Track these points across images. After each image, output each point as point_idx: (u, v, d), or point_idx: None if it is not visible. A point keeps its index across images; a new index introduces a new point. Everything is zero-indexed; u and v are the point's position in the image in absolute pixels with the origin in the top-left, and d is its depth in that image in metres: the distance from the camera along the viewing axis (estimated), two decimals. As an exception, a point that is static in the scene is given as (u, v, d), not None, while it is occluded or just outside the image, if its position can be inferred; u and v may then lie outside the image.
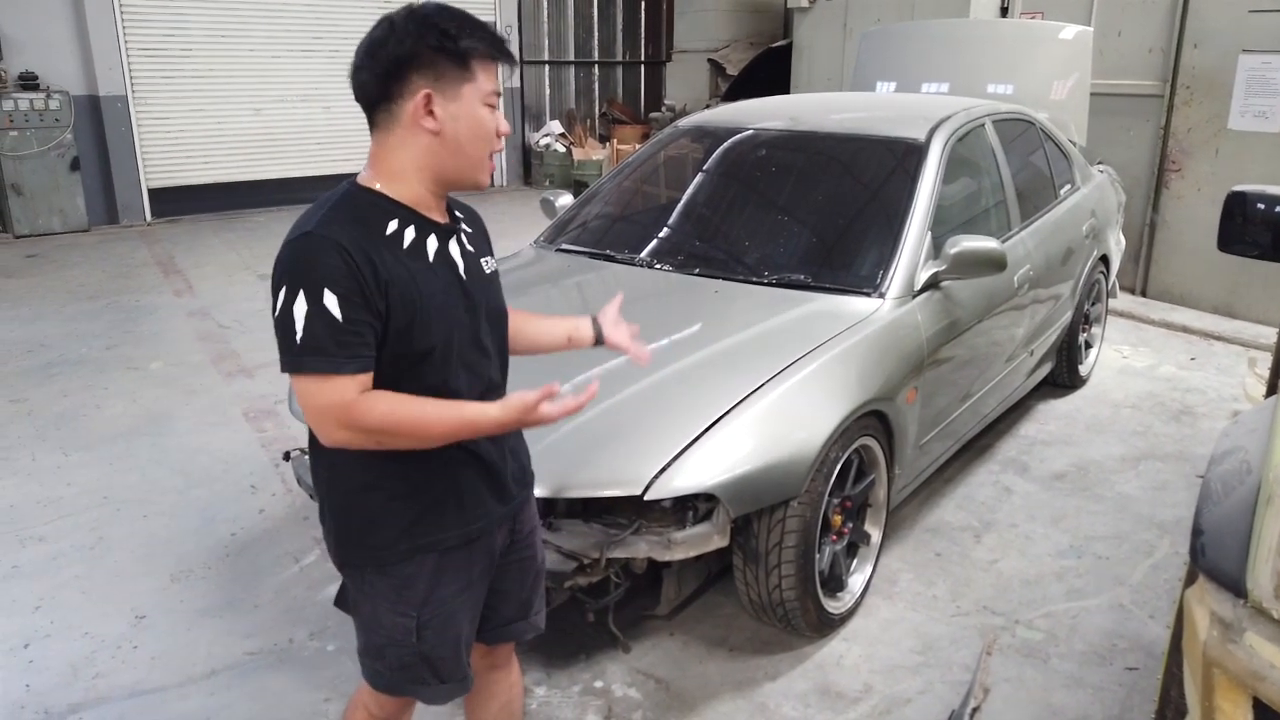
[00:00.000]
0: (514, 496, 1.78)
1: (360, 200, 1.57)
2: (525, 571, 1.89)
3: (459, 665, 1.77)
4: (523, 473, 1.83)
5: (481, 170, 1.62)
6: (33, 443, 4.23)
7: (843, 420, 2.62)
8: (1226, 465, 1.82)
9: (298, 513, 3.59)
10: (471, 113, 1.56)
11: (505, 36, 1.64)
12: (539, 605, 1.96)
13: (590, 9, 12.70)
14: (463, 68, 1.54)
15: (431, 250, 1.59)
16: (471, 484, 1.68)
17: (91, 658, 2.78)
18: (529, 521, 1.88)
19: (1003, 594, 3.10)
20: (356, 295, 1.46)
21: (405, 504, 1.63)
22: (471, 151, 1.59)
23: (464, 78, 1.54)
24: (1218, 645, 1.55)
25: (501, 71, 1.61)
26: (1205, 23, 6.05)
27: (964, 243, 3.09)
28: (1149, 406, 4.70)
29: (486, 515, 1.72)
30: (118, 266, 7.55)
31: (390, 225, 1.55)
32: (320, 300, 1.44)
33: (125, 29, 8.91)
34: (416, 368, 1.56)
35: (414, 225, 1.58)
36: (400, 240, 1.55)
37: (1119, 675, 2.71)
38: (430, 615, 1.68)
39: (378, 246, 1.51)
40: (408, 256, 1.54)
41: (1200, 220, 6.21)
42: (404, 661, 1.72)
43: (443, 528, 1.66)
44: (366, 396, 1.49)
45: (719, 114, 4.37)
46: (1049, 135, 4.56)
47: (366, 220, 1.54)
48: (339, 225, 1.50)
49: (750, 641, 2.85)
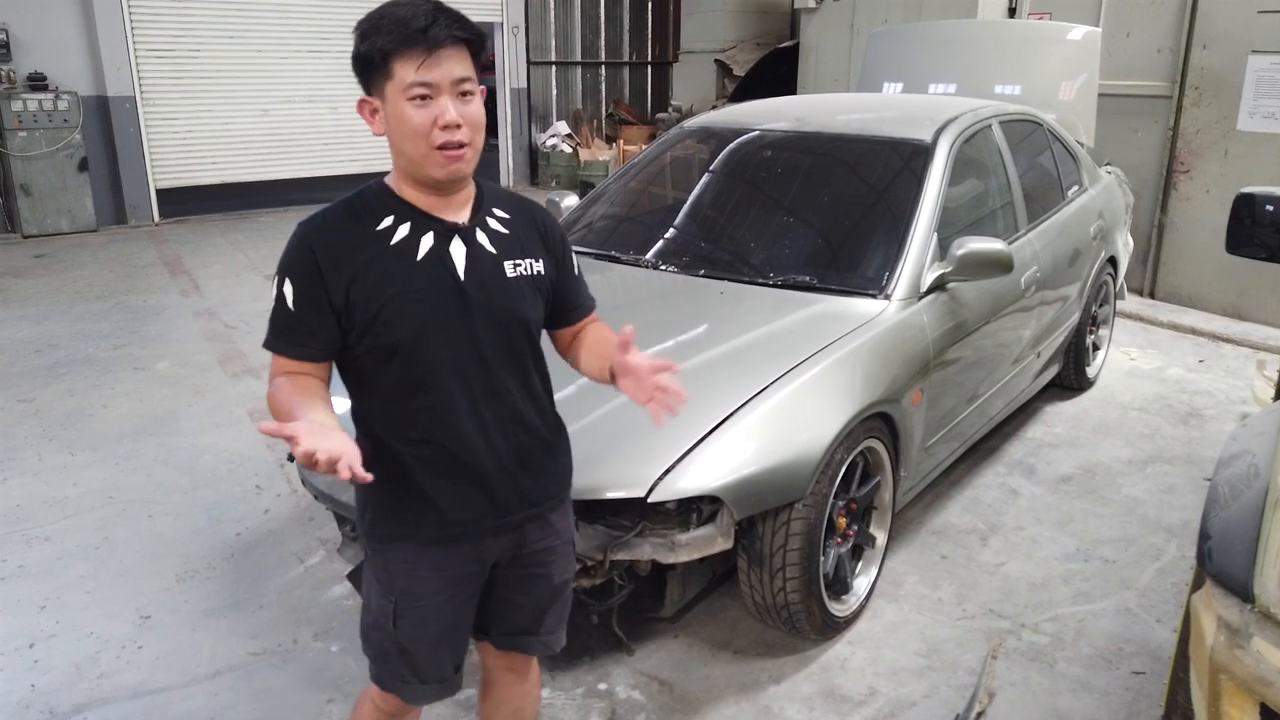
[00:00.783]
0: (512, 512, 1.73)
1: (369, 195, 1.65)
2: (535, 589, 1.84)
3: (437, 666, 1.78)
4: (537, 492, 1.77)
5: (429, 166, 1.56)
6: (39, 442, 4.24)
7: (848, 422, 2.61)
8: (1234, 469, 1.81)
9: (302, 513, 3.59)
10: (396, 111, 1.54)
11: (435, 15, 1.51)
12: (553, 624, 1.91)
13: (597, 10, 12.71)
14: (382, 68, 1.53)
15: (423, 248, 1.61)
16: (456, 489, 1.67)
17: (96, 658, 2.78)
18: (541, 541, 1.81)
19: (1009, 597, 3.08)
20: (310, 289, 1.56)
21: (390, 490, 1.68)
22: (409, 149, 1.56)
23: (385, 76, 1.54)
24: (1225, 651, 1.54)
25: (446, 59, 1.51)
26: (1214, 24, 6.02)
27: (970, 244, 3.07)
28: (1157, 409, 4.67)
29: (472, 523, 1.70)
30: (125, 267, 7.58)
31: (385, 221, 1.61)
32: (283, 286, 1.58)
33: (134, 30, 8.95)
34: (389, 361, 1.60)
35: (410, 223, 1.61)
36: (390, 235, 1.60)
37: (1125, 680, 2.69)
38: (406, 606, 1.72)
39: (360, 241, 1.58)
40: (391, 252, 1.59)
41: (1209, 222, 6.18)
42: (384, 649, 1.77)
43: (419, 524, 1.69)
44: (282, 378, 1.59)
45: (725, 115, 4.36)
46: (1056, 136, 4.54)
47: (361, 215, 1.62)
48: (326, 220, 1.61)
49: (754, 644, 2.84)
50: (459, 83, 1.54)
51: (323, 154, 10.33)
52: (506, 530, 1.74)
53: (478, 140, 1.59)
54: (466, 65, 1.56)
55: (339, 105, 10.25)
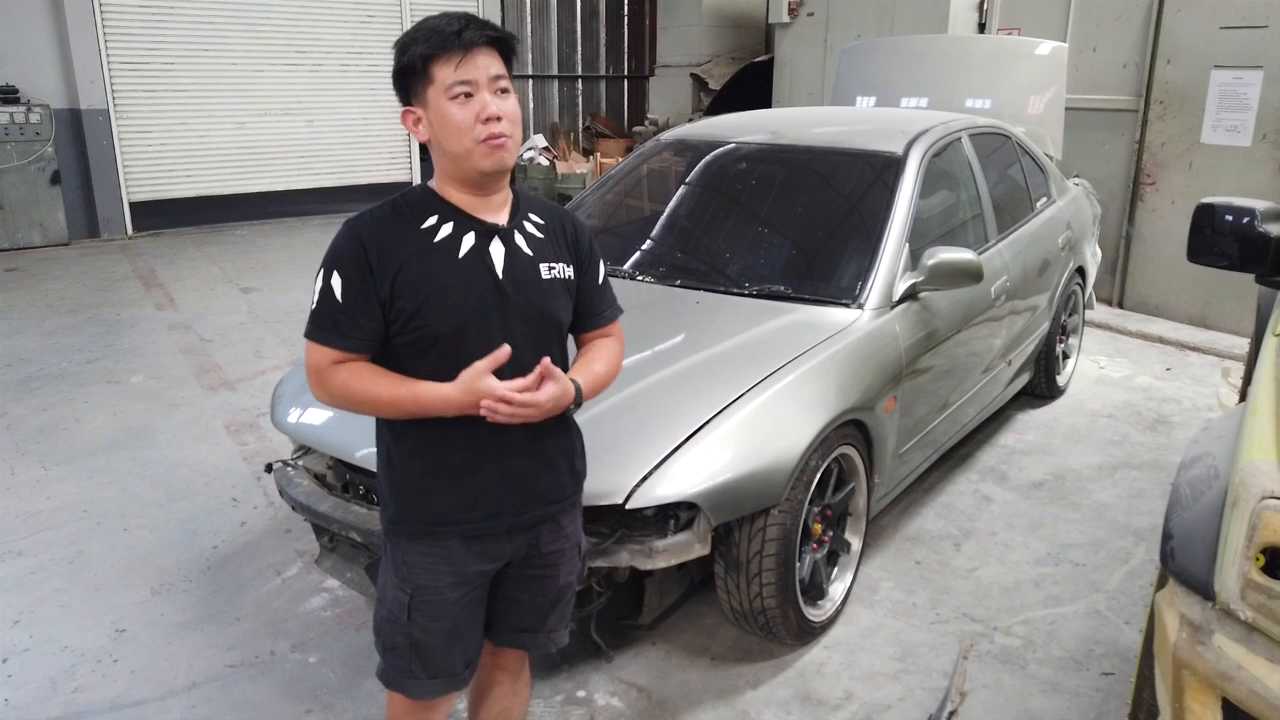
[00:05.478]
0: (530, 510, 1.80)
1: (414, 195, 1.74)
2: (542, 588, 1.90)
3: (448, 661, 1.82)
4: (555, 492, 1.83)
5: (475, 158, 1.65)
6: (12, 456, 4.20)
7: (822, 429, 2.65)
8: (1195, 471, 1.85)
9: (279, 525, 3.58)
10: (440, 111, 1.65)
11: (466, 21, 1.64)
12: (555, 623, 1.96)
13: (574, 24, 12.77)
14: (423, 74, 1.65)
15: (465, 247, 1.70)
16: (480, 484, 1.74)
17: (71, 671, 2.76)
18: (553, 544, 1.87)
19: (981, 601, 3.13)
20: (359, 281, 1.64)
21: (416, 486, 1.75)
22: (453, 147, 1.66)
23: (426, 82, 1.65)
24: (1187, 647, 1.58)
25: (480, 58, 1.63)
26: (1178, 39, 6.16)
27: (941, 254, 3.13)
28: (1126, 416, 4.76)
29: (494, 518, 1.76)
30: (98, 280, 7.52)
31: (429, 220, 1.71)
32: (330, 280, 1.66)
33: (107, 43, 8.89)
34: (427, 353, 1.68)
35: (453, 222, 1.71)
36: (434, 233, 1.70)
37: (1095, 680, 2.74)
38: (422, 600, 1.77)
39: (406, 237, 1.68)
40: (436, 249, 1.68)
41: (1175, 233, 6.30)
42: (395, 642, 1.81)
43: (442, 521, 1.75)
44: (340, 367, 1.67)
45: (701, 127, 4.41)
46: (1025, 149, 4.63)
47: (407, 213, 1.71)
48: (375, 217, 1.70)
49: (732, 650, 2.86)
50: (496, 79, 1.65)
51: (299, 167, 10.29)
52: (523, 528, 1.80)
53: (517, 134, 1.69)
54: (500, 64, 1.67)
55: (315, 118, 10.23)
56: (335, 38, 10.21)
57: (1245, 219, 2.44)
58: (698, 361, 2.82)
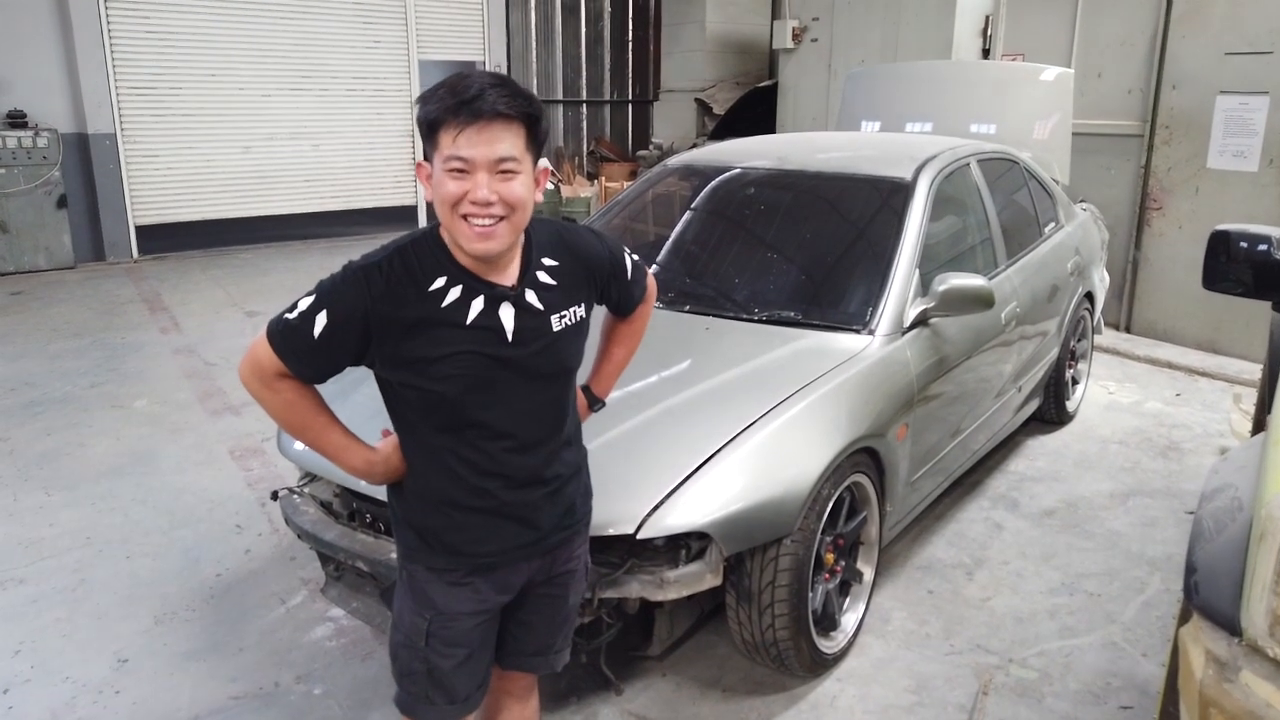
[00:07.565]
0: (545, 538, 1.80)
1: (424, 248, 1.63)
2: (553, 609, 1.91)
3: (463, 686, 1.82)
4: (568, 516, 1.84)
5: (463, 239, 1.55)
6: (15, 482, 4.17)
7: (834, 457, 2.62)
8: (1218, 502, 1.82)
9: (284, 553, 3.55)
10: (437, 178, 1.54)
11: (488, 85, 1.50)
12: (560, 645, 1.98)
13: (578, 49, 12.86)
14: (429, 136, 1.54)
15: (474, 312, 1.62)
16: (492, 524, 1.73)
17: (72, 703, 2.72)
18: (567, 563, 1.87)
19: (996, 632, 3.08)
20: (342, 334, 1.58)
21: (428, 523, 1.74)
22: (442, 217, 1.57)
23: (433, 145, 1.54)
24: (1214, 684, 1.54)
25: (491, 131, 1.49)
26: (1183, 65, 6.17)
27: (952, 280, 3.11)
28: (1136, 442, 4.72)
29: (512, 551, 1.76)
30: (103, 304, 7.52)
31: (438, 281, 1.61)
32: (316, 313, 1.57)
33: (115, 68, 8.95)
34: (435, 410, 1.65)
35: (462, 285, 1.61)
36: (441, 297, 1.60)
37: (1113, 714, 2.69)
38: (440, 625, 1.76)
39: (413, 301, 1.59)
40: (442, 315, 1.60)
41: (1182, 257, 6.29)
42: (411, 668, 1.79)
43: (457, 554, 1.74)
44: (287, 381, 1.63)
45: (708, 153, 4.40)
46: (1032, 174, 4.62)
47: (416, 270, 1.60)
48: (386, 277, 1.59)
49: (743, 682, 2.82)
50: (500, 161, 1.51)
51: (304, 191, 10.33)
52: (538, 554, 1.80)
53: (516, 218, 1.56)
54: (513, 143, 1.52)
55: (321, 143, 10.28)
56: (341, 63, 10.28)
57: (1261, 246, 2.42)
58: (708, 389, 2.79)
